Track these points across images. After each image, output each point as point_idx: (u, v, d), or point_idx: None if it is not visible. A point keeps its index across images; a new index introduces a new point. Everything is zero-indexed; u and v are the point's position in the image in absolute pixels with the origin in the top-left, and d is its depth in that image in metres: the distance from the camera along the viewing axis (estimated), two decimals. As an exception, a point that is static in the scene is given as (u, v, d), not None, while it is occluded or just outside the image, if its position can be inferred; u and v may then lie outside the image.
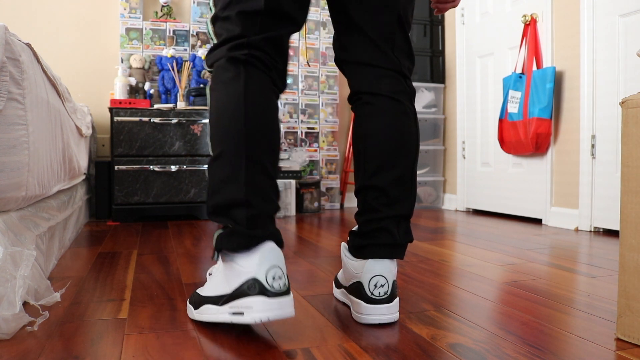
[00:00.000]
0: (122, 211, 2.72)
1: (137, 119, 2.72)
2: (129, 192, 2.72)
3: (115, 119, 2.70)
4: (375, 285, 1.03)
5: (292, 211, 3.08)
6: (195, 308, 1.05)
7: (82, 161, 2.18)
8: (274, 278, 0.91)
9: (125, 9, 3.09)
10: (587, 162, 2.36)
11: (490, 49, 3.02)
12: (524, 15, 2.63)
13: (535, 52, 2.62)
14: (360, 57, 1.10)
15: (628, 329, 0.93)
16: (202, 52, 3.13)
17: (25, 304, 1.07)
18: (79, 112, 2.11)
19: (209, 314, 1.00)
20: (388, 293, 1.03)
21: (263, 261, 0.91)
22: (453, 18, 3.39)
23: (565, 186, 2.52)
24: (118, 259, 1.75)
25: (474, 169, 3.19)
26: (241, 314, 0.92)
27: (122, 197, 2.71)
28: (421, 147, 3.43)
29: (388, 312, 1.04)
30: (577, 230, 2.40)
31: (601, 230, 2.33)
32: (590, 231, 2.34)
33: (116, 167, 2.70)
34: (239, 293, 0.92)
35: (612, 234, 2.26)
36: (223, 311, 0.96)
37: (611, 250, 1.88)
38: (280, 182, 3.04)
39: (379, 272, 1.04)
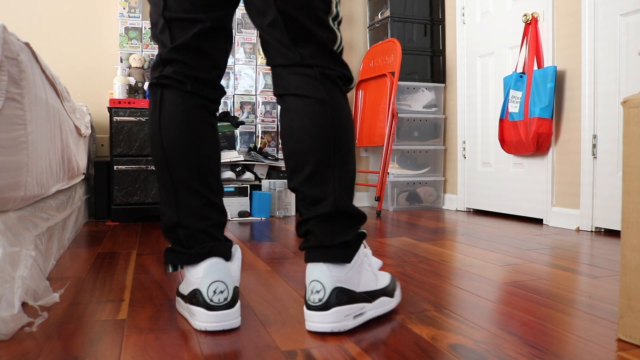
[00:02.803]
0: (122, 211, 2.71)
1: (136, 118, 2.72)
2: (128, 192, 2.72)
3: (115, 118, 2.69)
4: (312, 291, 0.99)
5: (292, 211, 3.08)
6: (177, 296, 1.15)
7: (81, 161, 2.17)
8: (214, 292, 0.99)
9: (124, 9, 3.09)
10: (589, 162, 2.36)
11: (491, 49, 3.02)
12: (525, 15, 2.63)
13: (536, 51, 2.61)
14: (270, 60, 1.08)
15: (630, 330, 0.92)
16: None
17: (24, 304, 1.06)
18: (78, 112, 2.11)
19: (180, 306, 1.12)
20: (323, 301, 0.97)
21: (206, 275, 1.00)
22: (453, 17, 3.39)
23: (567, 186, 2.52)
24: (117, 259, 1.74)
25: (474, 168, 3.19)
26: (191, 317, 1.04)
27: (121, 197, 2.71)
28: (422, 147, 3.43)
29: (320, 321, 0.98)
30: (578, 230, 2.39)
31: (602, 230, 2.33)
32: (592, 231, 2.34)
33: (115, 167, 2.70)
34: (190, 299, 1.02)
35: (613, 234, 2.25)
36: (184, 308, 1.07)
37: (612, 250, 1.87)
38: (280, 182, 3.04)
39: (314, 277, 0.99)
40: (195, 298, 1.00)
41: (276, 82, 1.07)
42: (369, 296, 1.04)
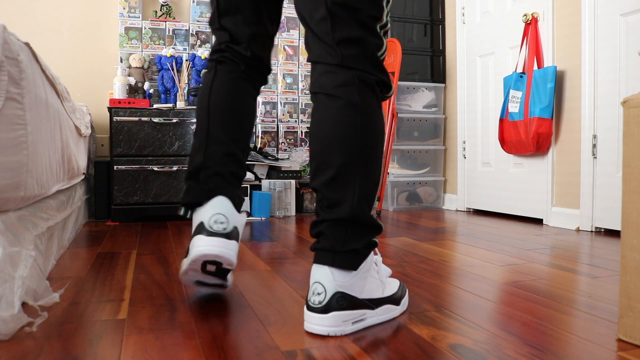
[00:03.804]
0: (122, 211, 2.71)
1: (136, 118, 2.72)
2: (128, 192, 2.72)
3: (115, 118, 2.69)
4: (313, 293, 0.99)
5: (292, 211, 3.08)
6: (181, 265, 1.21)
7: (81, 161, 2.17)
8: (215, 222, 1.07)
9: (124, 9, 3.09)
10: (588, 162, 2.36)
11: (491, 49, 3.02)
12: (525, 15, 2.63)
13: (536, 51, 2.61)
14: (311, 57, 1.06)
15: (630, 330, 0.92)
16: (201, 52, 3.12)
17: (24, 304, 1.06)
18: (78, 112, 2.11)
19: (183, 263, 1.16)
20: (323, 303, 0.97)
21: (210, 209, 1.09)
22: (454, 17, 3.39)
23: (567, 186, 2.52)
24: (117, 259, 1.74)
25: (474, 168, 3.19)
26: (189, 252, 1.09)
27: (121, 197, 2.71)
28: (422, 147, 3.43)
29: (318, 323, 0.98)
30: (578, 230, 2.39)
31: (602, 230, 2.33)
32: (592, 231, 2.34)
33: (115, 167, 2.69)
34: (193, 235, 1.09)
35: (613, 234, 2.25)
36: (185, 259, 1.12)
37: (612, 250, 1.87)
38: (280, 182, 3.04)
39: (317, 279, 0.99)
40: (197, 230, 1.08)
41: (313, 80, 1.06)
42: (372, 303, 1.04)
